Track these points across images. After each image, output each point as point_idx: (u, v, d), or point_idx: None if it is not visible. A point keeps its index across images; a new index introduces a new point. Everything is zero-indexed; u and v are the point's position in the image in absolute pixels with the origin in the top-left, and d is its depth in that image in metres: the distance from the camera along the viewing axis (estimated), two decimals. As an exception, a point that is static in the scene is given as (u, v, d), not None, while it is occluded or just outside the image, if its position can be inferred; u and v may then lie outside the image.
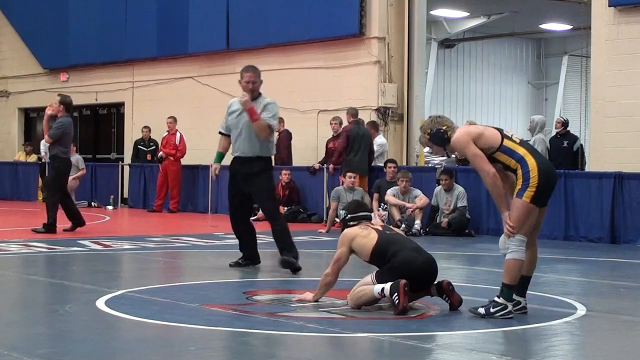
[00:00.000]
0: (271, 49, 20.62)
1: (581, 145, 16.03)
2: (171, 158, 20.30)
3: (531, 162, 6.86)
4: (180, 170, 20.44)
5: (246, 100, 9.92)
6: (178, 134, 20.42)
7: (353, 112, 17.06)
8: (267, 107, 10.00)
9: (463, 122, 17.37)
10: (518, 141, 7.03)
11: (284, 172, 18.11)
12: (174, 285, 8.81)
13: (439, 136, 7.22)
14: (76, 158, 21.81)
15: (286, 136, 19.08)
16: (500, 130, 7.09)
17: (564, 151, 15.84)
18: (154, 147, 21.86)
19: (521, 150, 6.93)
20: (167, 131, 20.56)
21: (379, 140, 17.57)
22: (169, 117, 20.62)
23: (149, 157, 21.93)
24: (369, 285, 7.24)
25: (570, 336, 6.69)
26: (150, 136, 22.05)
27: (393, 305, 7.03)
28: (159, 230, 15.66)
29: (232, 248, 12.55)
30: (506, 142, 6.95)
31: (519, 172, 6.88)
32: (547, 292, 8.51)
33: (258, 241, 10.43)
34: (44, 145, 22.89)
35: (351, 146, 16.58)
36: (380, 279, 7.20)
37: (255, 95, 10.06)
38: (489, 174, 6.88)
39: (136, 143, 22.31)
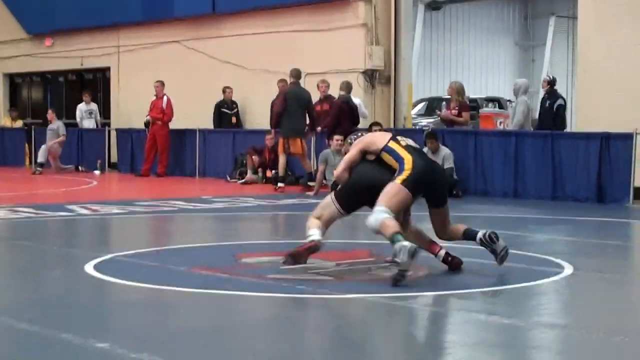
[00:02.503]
0: (257, 12, 20.51)
1: (560, 105, 15.84)
2: (159, 122, 20.23)
3: (407, 158, 7.22)
4: (168, 135, 20.37)
5: None
6: (165, 98, 20.31)
7: (295, 74, 16.81)
8: None
9: (448, 82, 17.20)
10: (404, 144, 7.37)
11: (268, 136, 18.01)
12: (163, 249, 8.81)
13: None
14: (57, 124, 21.79)
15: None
16: (393, 137, 7.48)
17: (547, 111, 15.80)
18: (237, 109, 20.67)
19: (402, 152, 7.28)
20: (155, 95, 20.47)
21: (356, 101, 17.37)
22: (156, 81, 20.51)
23: (234, 120, 20.40)
24: (329, 205, 7.34)
25: (557, 295, 6.73)
26: (232, 97, 20.51)
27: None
28: (147, 194, 15.64)
29: (220, 212, 12.56)
30: (391, 144, 7.34)
31: (398, 169, 7.19)
32: (535, 251, 8.55)
33: (243, 204, 10.38)
34: (79, 110, 22.92)
35: (288, 108, 16.40)
36: (338, 196, 7.32)
37: None
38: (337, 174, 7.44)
39: (218, 106, 20.48)
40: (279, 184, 16.25)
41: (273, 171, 17.69)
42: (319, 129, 17.03)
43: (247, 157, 18.33)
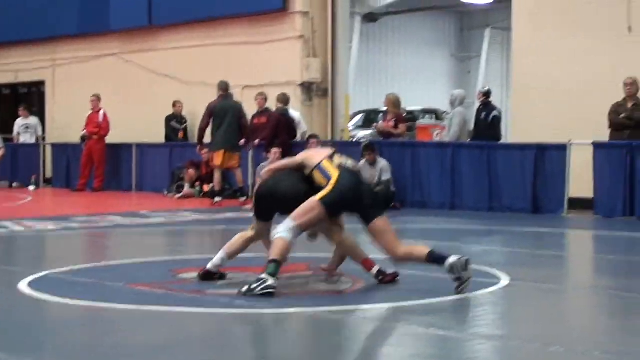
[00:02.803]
0: (194, 25, 20.45)
1: (495, 116, 16.02)
2: (95, 137, 20.04)
3: (335, 175, 7.18)
4: (104, 149, 20.20)
5: None
6: (101, 112, 20.15)
7: (222, 87, 16.73)
8: None
9: (385, 94, 17.11)
10: (337, 164, 7.32)
11: (204, 150, 17.92)
12: (99, 266, 8.71)
13: None
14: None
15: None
16: (330, 155, 7.43)
17: (482, 123, 15.98)
18: (186, 123, 20.31)
19: (332, 171, 7.22)
20: (91, 109, 20.27)
21: (294, 115, 17.38)
22: (92, 95, 20.33)
23: (181, 135, 20.13)
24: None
25: (494, 306, 6.78)
26: (182, 111, 20.28)
27: None
28: (83, 209, 15.47)
29: (158, 227, 12.47)
30: (324, 163, 7.29)
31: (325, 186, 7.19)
32: (472, 263, 8.60)
33: (181, 219, 10.32)
34: (17, 125, 22.55)
35: (216, 121, 16.39)
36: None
37: None
38: (292, 161, 7.53)
39: (168, 119, 20.25)
40: (216, 198, 16.22)
41: (210, 185, 17.61)
42: (256, 141, 16.99)
43: (184, 171, 18.24)
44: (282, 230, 6.92)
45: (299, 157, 7.51)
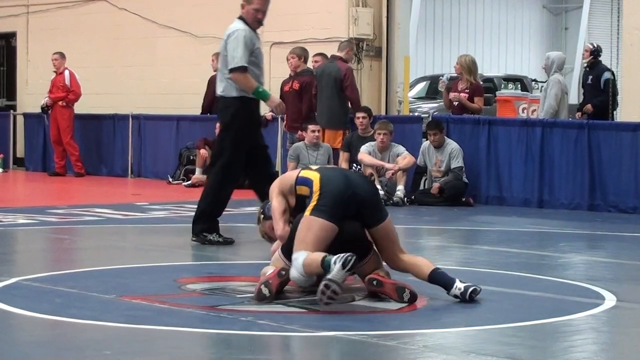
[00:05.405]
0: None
1: (609, 79, 15.83)
2: (62, 103, 20.02)
3: (315, 177, 7.41)
4: (72, 118, 20.11)
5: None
6: (67, 72, 20.10)
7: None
8: (229, 41, 10.31)
9: (456, 56, 17.01)
10: (315, 168, 7.66)
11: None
12: (84, 271, 8.75)
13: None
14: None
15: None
16: (302, 169, 7.78)
17: (590, 89, 15.77)
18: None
19: (311, 174, 7.47)
20: (54, 71, 20.29)
21: None
22: (54, 54, 20.36)
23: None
24: (279, 261, 7.45)
25: (596, 333, 6.74)
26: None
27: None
28: (63, 199, 15.57)
29: (160, 223, 12.52)
30: (302, 173, 7.59)
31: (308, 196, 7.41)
32: (566, 277, 8.57)
33: (190, 213, 10.44)
34: None
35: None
36: (284, 252, 7.41)
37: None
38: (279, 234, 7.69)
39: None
40: None
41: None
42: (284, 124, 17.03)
43: (195, 151, 18.28)
44: (294, 262, 7.11)
45: (275, 193, 7.72)
